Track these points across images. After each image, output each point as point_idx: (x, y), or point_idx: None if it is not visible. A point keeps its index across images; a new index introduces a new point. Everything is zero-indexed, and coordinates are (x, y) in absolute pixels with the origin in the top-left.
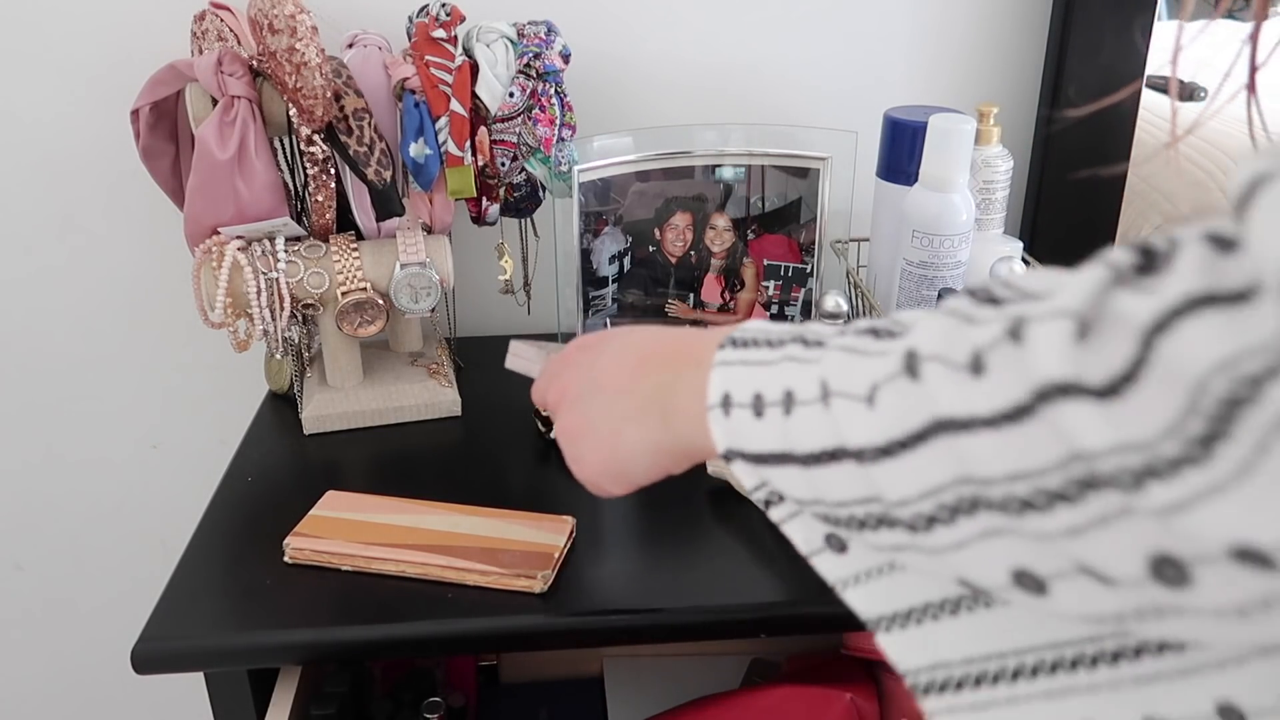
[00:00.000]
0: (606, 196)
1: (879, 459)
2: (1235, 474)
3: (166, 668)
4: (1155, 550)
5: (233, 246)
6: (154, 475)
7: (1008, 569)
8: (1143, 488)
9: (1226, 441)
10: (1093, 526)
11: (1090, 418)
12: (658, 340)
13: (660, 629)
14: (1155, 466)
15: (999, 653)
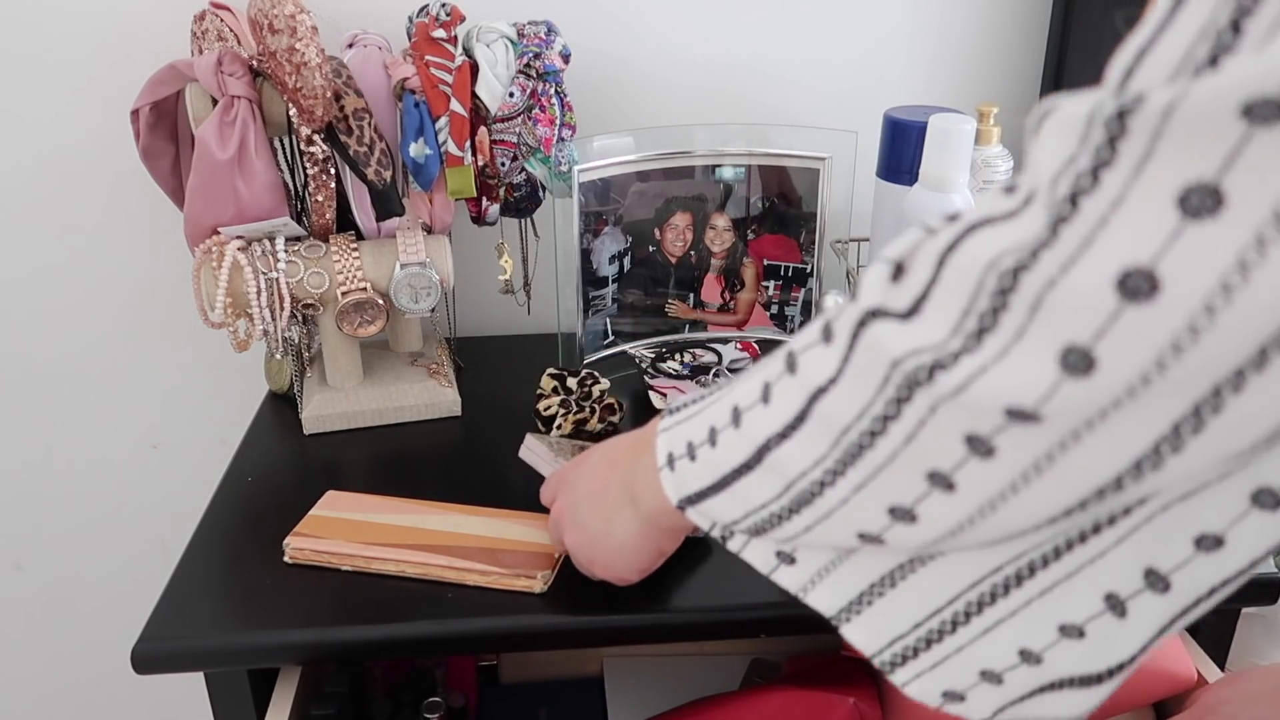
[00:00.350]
0: (606, 196)
1: (779, 444)
2: (998, 354)
3: (166, 668)
4: (965, 431)
5: (233, 246)
6: (154, 475)
7: (883, 508)
8: (934, 379)
9: (993, 332)
10: (918, 431)
11: (894, 332)
12: (620, 442)
13: (660, 629)
14: (942, 360)
15: (936, 608)
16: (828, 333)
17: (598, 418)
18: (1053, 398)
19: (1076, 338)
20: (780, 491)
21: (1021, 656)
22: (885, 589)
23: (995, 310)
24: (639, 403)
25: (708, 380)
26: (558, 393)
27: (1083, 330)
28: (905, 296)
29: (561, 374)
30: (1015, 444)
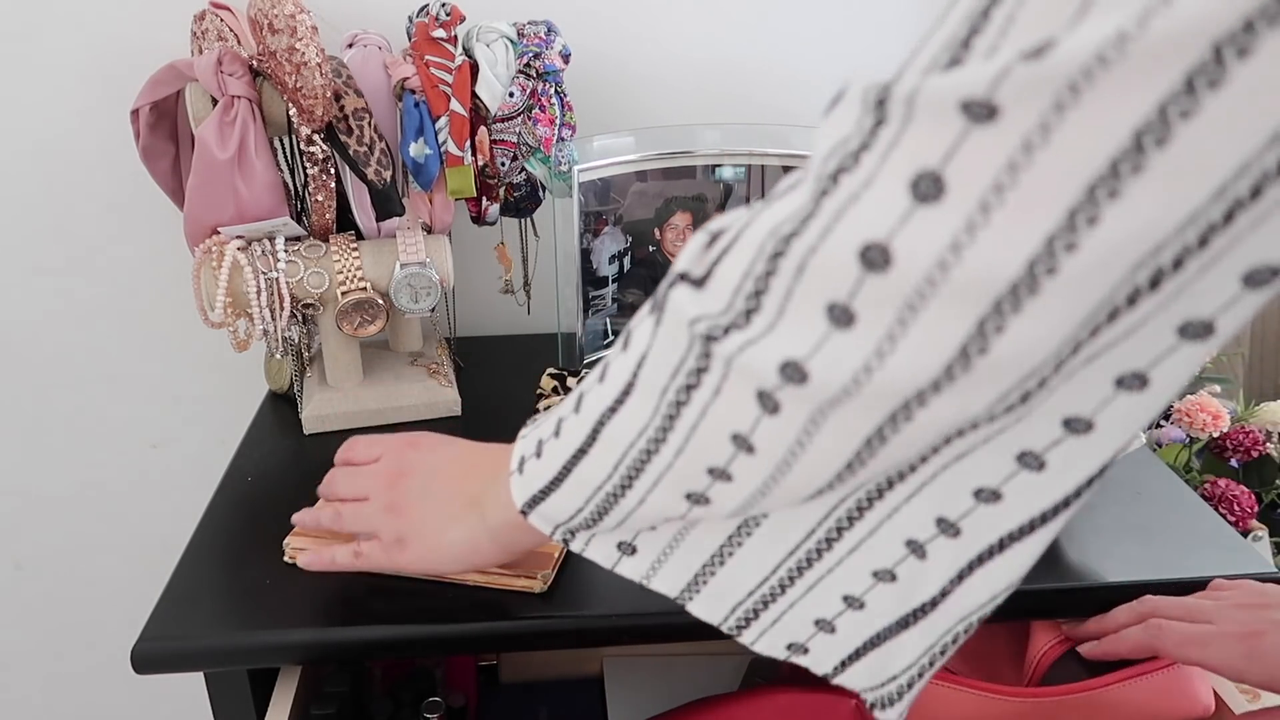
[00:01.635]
0: (606, 196)
1: (610, 417)
2: (775, 313)
3: (166, 668)
4: (755, 388)
5: (233, 246)
6: (154, 475)
7: (703, 469)
8: (727, 337)
9: (768, 293)
10: (721, 387)
11: (688, 296)
12: (484, 453)
13: (660, 629)
14: (732, 321)
15: (765, 575)
16: (654, 305)
17: None
18: (820, 350)
19: (836, 297)
20: (613, 467)
21: (846, 602)
22: (717, 566)
23: (768, 274)
24: None
25: None
26: (557, 392)
27: (839, 291)
28: (705, 264)
29: (562, 374)
30: (794, 399)
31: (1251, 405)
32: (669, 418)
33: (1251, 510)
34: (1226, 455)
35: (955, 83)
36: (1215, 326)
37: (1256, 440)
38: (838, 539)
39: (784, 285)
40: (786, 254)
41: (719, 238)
